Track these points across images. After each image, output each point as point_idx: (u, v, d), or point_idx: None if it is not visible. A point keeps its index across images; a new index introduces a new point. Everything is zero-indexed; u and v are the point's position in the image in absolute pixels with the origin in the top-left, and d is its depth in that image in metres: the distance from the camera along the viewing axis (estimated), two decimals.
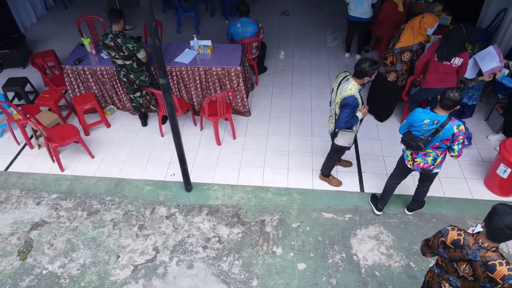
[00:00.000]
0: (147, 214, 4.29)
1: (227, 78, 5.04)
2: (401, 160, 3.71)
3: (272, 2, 8.60)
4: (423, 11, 6.20)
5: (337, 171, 4.64)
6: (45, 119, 4.87)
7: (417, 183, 3.87)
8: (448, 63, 4.22)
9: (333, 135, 3.89)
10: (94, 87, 5.31)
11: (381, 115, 5.32)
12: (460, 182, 4.47)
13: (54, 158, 4.79)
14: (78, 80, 5.25)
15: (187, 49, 5.25)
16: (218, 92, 5.15)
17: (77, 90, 5.33)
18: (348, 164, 4.68)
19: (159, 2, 8.45)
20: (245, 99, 5.27)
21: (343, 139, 3.82)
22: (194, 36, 5.26)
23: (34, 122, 4.29)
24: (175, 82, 5.17)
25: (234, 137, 5.13)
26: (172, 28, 7.61)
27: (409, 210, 4.14)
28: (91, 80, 5.23)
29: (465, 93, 4.95)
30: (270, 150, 4.96)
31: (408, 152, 3.57)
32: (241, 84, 5.09)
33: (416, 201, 4.05)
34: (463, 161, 4.67)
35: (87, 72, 5.15)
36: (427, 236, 3.93)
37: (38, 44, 7.29)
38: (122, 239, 4.05)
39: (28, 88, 5.91)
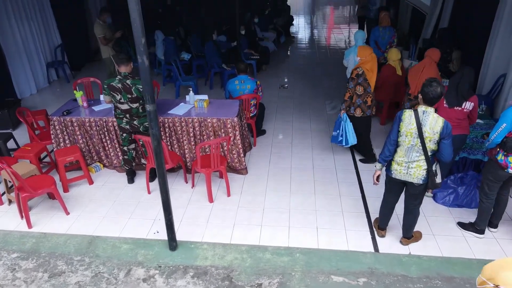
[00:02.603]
0: (121, 276, 3.57)
1: (223, 130, 4.74)
2: (494, 169, 3.57)
3: (271, 76, 8.79)
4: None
5: (345, 230, 4.04)
6: (20, 169, 4.41)
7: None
8: (460, 108, 3.99)
9: (428, 178, 3.35)
10: (81, 141, 4.96)
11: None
12: (490, 243, 3.84)
13: (23, 212, 4.21)
14: (65, 133, 4.93)
15: (182, 103, 5.05)
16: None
17: (62, 144, 4.97)
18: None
19: (159, 77, 8.65)
20: (242, 155, 4.88)
21: (439, 175, 3.40)
22: (190, 89, 5.11)
23: (5, 166, 3.84)
24: (167, 135, 4.84)
25: (229, 195, 4.61)
26: (170, 96, 7.59)
27: (494, 227, 3.99)
28: (78, 132, 4.91)
29: (480, 149, 4.61)
30: (268, 208, 4.41)
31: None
32: (238, 138, 4.75)
33: (500, 213, 3.94)
34: None
35: (75, 124, 4.85)
36: None
37: (33, 110, 7.15)
38: None
39: (12, 145, 5.56)
